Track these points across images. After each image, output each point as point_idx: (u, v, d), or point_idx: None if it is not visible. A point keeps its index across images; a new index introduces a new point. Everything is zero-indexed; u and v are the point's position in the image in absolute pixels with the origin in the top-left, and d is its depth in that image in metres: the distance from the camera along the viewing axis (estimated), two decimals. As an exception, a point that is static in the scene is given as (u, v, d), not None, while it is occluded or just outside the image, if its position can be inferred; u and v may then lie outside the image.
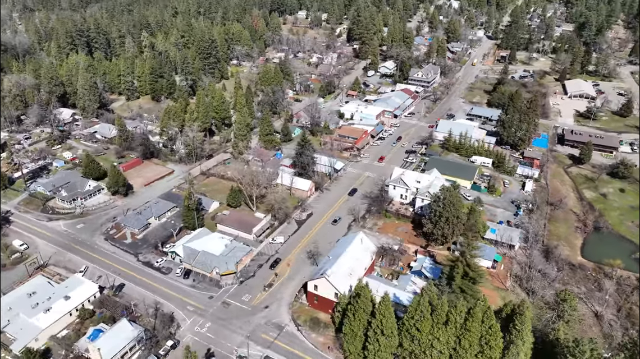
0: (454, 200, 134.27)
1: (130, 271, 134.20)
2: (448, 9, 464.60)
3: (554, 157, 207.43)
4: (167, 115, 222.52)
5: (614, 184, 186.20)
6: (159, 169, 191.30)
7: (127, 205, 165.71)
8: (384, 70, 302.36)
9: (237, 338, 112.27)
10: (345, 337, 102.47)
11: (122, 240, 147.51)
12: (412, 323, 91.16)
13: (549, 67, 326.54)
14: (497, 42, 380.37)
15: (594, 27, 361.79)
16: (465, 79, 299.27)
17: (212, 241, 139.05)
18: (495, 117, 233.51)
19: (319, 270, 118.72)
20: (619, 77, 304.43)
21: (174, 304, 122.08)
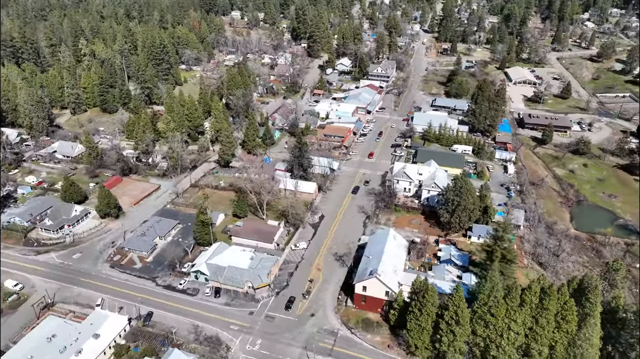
0: (469, 188, 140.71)
1: (153, 298, 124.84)
2: (381, 5, 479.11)
3: (519, 140, 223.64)
4: (133, 127, 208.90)
5: (577, 160, 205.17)
6: (142, 186, 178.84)
7: (121, 228, 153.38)
8: (341, 68, 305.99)
9: (294, 350, 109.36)
10: (410, 333, 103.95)
11: (132, 266, 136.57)
12: (485, 309, 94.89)
13: (487, 57, 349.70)
14: (434, 35, 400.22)
15: (518, 18, 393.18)
16: (417, 72, 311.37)
17: (235, 255, 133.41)
18: (459, 107, 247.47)
19: (364, 271, 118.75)
20: (549, 63, 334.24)
21: (215, 326, 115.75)
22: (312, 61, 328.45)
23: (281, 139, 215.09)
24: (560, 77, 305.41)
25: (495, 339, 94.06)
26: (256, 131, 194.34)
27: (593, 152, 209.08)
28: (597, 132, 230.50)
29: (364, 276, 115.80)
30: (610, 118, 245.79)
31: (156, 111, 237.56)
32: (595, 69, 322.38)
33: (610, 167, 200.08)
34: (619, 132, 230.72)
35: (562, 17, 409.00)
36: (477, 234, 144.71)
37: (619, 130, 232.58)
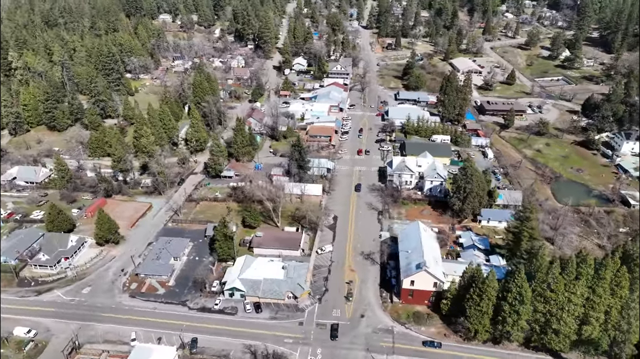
0: (478, 174, 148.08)
1: (191, 323, 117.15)
2: (315, 3, 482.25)
3: (484, 126, 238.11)
4: (97, 144, 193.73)
5: (540, 141, 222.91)
6: (132, 206, 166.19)
7: (126, 254, 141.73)
8: (298, 67, 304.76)
9: (357, 354, 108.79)
10: (470, 319, 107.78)
11: (154, 292, 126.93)
12: (544, 286, 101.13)
13: (429, 49, 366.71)
14: (374, 31, 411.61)
15: (449, 12, 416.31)
16: (371, 68, 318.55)
17: (266, 266, 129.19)
18: (422, 98, 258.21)
19: (407, 265, 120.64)
20: (486, 53, 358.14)
21: (269, 343, 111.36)
22: (265, 62, 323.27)
23: (263, 144, 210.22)
24: (499, 65, 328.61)
25: (557, 313, 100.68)
26: (245, 138, 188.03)
27: (551, 132, 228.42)
28: (547, 113, 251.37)
29: (410, 271, 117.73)
30: (554, 100, 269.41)
31: (122, 125, 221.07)
32: (527, 56, 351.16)
33: (569, 144, 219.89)
34: (565, 112, 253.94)
35: (486, 10, 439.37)
36: (486, 218, 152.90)
37: (564, 110, 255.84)
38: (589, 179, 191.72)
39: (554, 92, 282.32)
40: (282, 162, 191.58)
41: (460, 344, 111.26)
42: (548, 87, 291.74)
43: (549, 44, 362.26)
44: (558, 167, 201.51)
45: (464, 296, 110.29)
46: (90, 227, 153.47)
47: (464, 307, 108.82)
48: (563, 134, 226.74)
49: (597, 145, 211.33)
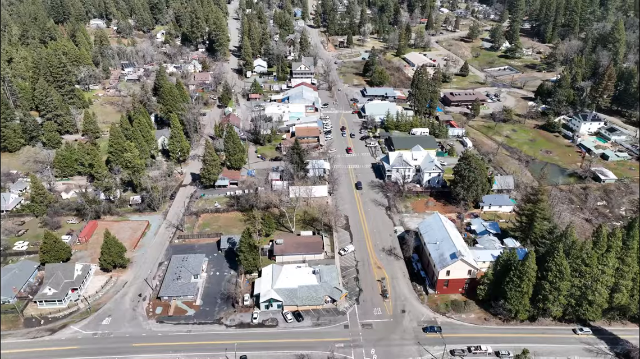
0: (480, 163, 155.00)
1: (233, 341, 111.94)
2: (257, 4, 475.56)
3: (452, 116, 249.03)
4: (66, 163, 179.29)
5: (506, 127, 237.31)
6: (128, 226, 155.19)
7: (137, 277, 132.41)
8: (259, 69, 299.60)
9: (410, 348, 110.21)
10: (510, 301, 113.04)
11: (183, 314, 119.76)
12: (578, 262, 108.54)
13: (380, 45, 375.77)
14: (321, 29, 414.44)
15: (392, 8, 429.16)
16: (330, 66, 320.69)
17: (296, 273, 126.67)
18: (390, 94, 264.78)
19: (440, 256, 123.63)
20: (434, 47, 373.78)
21: (321, 350, 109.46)
22: (223, 65, 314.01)
23: (247, 149, 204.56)
24: (449, 58, 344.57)
25: (592, 286, 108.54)
26: (238, 144, 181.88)
27: (514, 118, 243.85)
28: (504, 101, 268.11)
29: (446, 261, 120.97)
30: (507, 88, 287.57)
31: (89, 140, 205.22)
32: (471, 48, 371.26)
33: (532, 129, 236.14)
34: (520, 98, 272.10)
35: (424, 6, 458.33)
36: (487, 203, 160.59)
37: (519, 97, 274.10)
38: (559, 159, 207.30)
39: (504, 80, 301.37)
40: (274, 166, 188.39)
41: (500, 326, 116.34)
42: (498, 76, 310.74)
43: (487, 36, 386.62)
44: (528, 150, 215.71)
45: (501, 280, 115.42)
46: (89, 253, 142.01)
47: (503, 290, 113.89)
48: (525, 120, 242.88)
49: (557, 128, 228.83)
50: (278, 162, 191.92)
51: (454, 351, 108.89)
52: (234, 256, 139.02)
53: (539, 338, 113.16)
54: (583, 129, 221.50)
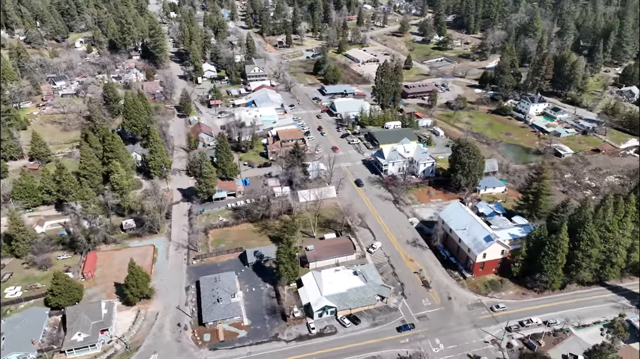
0: (477, 149, 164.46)
1: (298, 355, 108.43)
2: (180, 6, 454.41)
3: (412, 108, 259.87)
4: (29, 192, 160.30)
5: (462, 114, 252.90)
6: (132, 253, 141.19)
7: (167, 306, 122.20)
8: (209, 74, 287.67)
9: (470, 332, 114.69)
10: (546, 273, 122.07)
11: (235, 337, 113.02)
12: (602, 229, 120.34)
13: (318, 44, 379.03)
14: (254, 30, 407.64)
15: (321, 7, 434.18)
16: (279, 67, 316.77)
17: (338, 277, 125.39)
18: (349, 90, 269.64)
19: (474, 241, 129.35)
20: (370, 43, 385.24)
21: (390, 349, 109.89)
22: (170, 73, 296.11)
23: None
24: (388, 53, 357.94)
25: (615, 249, 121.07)
26: (229, 154, 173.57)
27: (467, 105, 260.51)
28: (452, 90, 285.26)
29: (482, 245, 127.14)
30: (450, 78, 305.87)
31: (41, 165, 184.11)
32: (405, 42, 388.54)
33: (486, 114, 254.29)
34: (466, 87, 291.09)
35: (350, 3, 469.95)
36: (483, 187, 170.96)
37: (465, 85, 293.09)
38: (519, 140, 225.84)
39: (445, 71, 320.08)
40: (265, 172, 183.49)
41: (537, 298, 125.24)
42: (439, 67, 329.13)
43: (415, 30, 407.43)
44: (491, 134, 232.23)
45: (534, 256, 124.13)
46: (101, 288, 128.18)
47: (539, 264, 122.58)
48: (478, 106, 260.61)
49: (509, 111, 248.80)
50: (268, 168, 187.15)
51: (510, 327, 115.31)
52: (262, 270, 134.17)
53: (573, 303, 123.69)
54: (532, 111, 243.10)
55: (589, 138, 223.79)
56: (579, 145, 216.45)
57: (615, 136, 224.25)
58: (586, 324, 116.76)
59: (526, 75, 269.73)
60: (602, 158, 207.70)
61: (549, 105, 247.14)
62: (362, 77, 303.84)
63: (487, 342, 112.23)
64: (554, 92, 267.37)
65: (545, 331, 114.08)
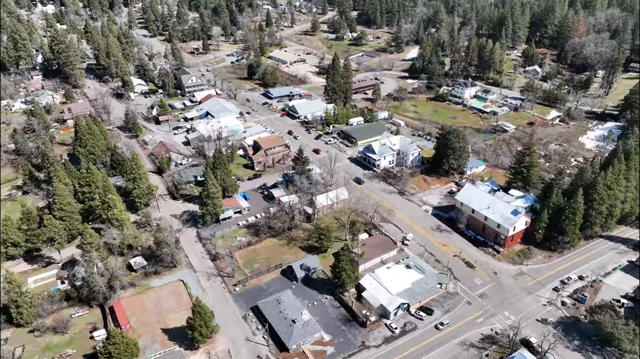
0: (464, 135, 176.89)
1: (399, 356, 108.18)
2: (63, 17, 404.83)
3: (361, 102, 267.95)
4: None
5: (407, 104, 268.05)
6: (161, 293, 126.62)
7: (236, 341, 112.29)
8: (140, 89, 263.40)
9: (526, 299, 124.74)
10: (567, 234, 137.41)
11: (323, 356, 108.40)
12: (605, 188, 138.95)
13: (235, 48, 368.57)
14: (159, 38, 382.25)
15: (226, 10, 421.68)
16: (216, 74, 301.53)
17: (395, 274, 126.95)
18: (295, 92, 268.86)
19: (502, 216, 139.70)
20: (288, 44, 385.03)
21: (473, 331, 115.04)
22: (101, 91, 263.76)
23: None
24: (310, 52, 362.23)
25: (615, 203, 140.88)
26: (229, 170, 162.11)
27: (408, 96, 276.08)
28: (388, 83, 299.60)
29: (512, 220, 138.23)
30: (379, 71, 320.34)
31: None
32: (320, 41, 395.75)
33: (427, 102, 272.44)
34: (397, 78, 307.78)
35: (251, 4, 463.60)
36: (469, 168, 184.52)
37: (396, 77, 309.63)
38: (465, 122, 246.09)
39: (370, 65, 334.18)
40: (259, 183, 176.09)
41: (561, 257, 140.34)
42: (363, 62, 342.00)
43: (324, 28, 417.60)
44: (440, 120, 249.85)
45: (554, 221, 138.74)
46: (148, 338, 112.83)
47: (560, 227, 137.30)
48: (417, 95, 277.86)
49: (447, 97, 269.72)
50: (259, 179, 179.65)
51: (556, 287, 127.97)
52: (312, 282, 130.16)
53: (589, 256, 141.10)
54: (467, 95, 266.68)
55: (520, 113, 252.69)
56: (515, 121, 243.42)
57: (540, 110, 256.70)
58: (608, 272, 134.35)
59: (451, 63, 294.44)
60: (539, 129, 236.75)
61: (479, 88, 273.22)
62: (297, 78, 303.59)
63: (545, 305, 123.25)
64: (478, 76, 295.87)
65: (583, 285, 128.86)
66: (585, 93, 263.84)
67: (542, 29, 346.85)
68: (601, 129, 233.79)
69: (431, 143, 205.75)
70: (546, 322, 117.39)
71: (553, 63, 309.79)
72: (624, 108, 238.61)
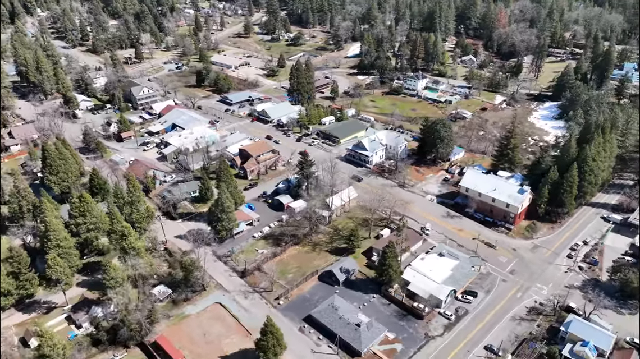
0: (450, 125, 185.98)
1: (465, 341, 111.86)
2: None
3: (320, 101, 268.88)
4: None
5: (366, 100, 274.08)
6: (201, 319, 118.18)
7: (302, 354, 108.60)
8: (85, 104, 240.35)
9: (550, 269, 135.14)
10: (566, 205, 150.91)
11: (397, 352, 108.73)
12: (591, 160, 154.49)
13: (171, 54, 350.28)
14: (81, 49, 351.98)
15: (150, 15, 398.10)
16: (153, 84, 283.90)
17: (432, 263, 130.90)
18: (254, 96, 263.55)
19: (511, 195, 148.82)
20: (224, 48, 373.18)
21: (517, 306, 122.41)
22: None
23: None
24: (251, 55, 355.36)
25: (598, 173, 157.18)
26: (234, 181, 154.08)
27: (364, 92, 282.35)
28: (339, 81, 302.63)
29: (519, 199, 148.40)
30: (327, 70, 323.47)
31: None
32: (256, 43, 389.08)
33: (383, 96, 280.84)
34: (347, 75, 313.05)
35: (173, 9, 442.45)
36: (454, 155, 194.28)
37: (345, 74, 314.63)
38: (425, 112, 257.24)
39: (317, 63, 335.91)
40: (258, 192, 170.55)
41: (562, 227, 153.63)
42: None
43: (257, 29, 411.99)
44: (401, 112, 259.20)
45: (553, 195, 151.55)
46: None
47: (559, 199, 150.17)
48: (373, 90, 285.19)
49: (402, 91, 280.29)
50: (257, 188, 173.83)
51: (570, 254, 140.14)
52: (353, 283, 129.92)
53: (582, 222, 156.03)
54: (419, 87, 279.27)
55: (470, 101, 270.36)
56: (469, 108, 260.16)
57: (486, 96, 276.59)
58: (604, 235, 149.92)
59: (395, 58, 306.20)
60: (491, 114, 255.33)
61: (429, 80, 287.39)
62: (248, 82, 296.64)
63: (566, 272, 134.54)
64: (424, 68, 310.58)
65: (590, 249, 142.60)
66: (519, 78, 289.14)
67: (467, 21, 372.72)
68: (542, 109, 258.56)
69: (404, 135, 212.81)
70: (573, 287, 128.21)
71: (487, 52, 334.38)
72: (557, 89, 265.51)
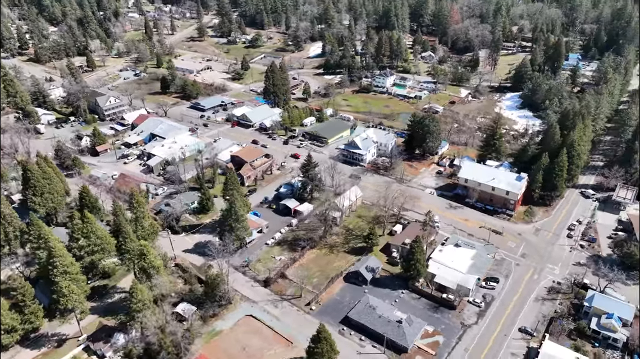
0: (437, 119, 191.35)
1: (500, 326, 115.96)
2: None
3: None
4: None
5: (339, 99, 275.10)
6: (236, 334, 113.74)
7: (348, 356, 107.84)
8: (48, 118, 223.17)
9: (556, 249, 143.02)
10: (558, 189, 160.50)
11: (440, 344, 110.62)
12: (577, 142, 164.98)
13: (125, 60, 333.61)
14: (21, 58, 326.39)
15: (95, 20, 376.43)
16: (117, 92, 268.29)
17: (452, 254, 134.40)
18: (227, 100, 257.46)
19: (509, 183, 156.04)
20: (180, 52, 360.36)
21: (536, 289, 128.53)
22: None
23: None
24: (210, 58, 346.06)
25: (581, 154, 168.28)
26: (240, 192, 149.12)
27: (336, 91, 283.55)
28: (312, 81, 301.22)
29: (517, 186, 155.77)
30: (293, 71, 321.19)
31: None
32: (212, 46, 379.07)
33: (354, 94, 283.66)
34: (314, 76, 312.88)
35: (117, 14, 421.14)
36: (441, 147, 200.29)
37: (312, 74, 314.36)
38: (398, 109, 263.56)
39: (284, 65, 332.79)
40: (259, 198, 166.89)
41: (555, 209, 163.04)
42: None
43: (211, 32, 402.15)
44: (376, 109, 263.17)
45: (546, 180, 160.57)
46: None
47: (552, 183, 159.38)
48: (343, 89, 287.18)
49: (372, 88, 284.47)
50: (257, 194, 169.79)
51: (569, 234, 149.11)
52: (378, 281, 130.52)
53: (572, 202, 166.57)
54: (388, 84, 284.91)
55: (438, 95, 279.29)
56: (438, 102, 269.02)
57: (451, 90, 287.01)
58: (593, 214, 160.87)
59: (360, 56, 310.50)
60: (460, 107, 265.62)
61: (396, 76, 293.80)
62: (214, 86, 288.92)
63: (570, 251, 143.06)
64: (388, 65, 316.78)
65: (585, 228, 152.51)
66: (477, 71, 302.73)
67: (420, 18, 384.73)
68: (505, 99, 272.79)
69: (386, 131, 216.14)
70: (582, 264, 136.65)
71: (444, 48, 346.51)
72: (516, 81, 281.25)
